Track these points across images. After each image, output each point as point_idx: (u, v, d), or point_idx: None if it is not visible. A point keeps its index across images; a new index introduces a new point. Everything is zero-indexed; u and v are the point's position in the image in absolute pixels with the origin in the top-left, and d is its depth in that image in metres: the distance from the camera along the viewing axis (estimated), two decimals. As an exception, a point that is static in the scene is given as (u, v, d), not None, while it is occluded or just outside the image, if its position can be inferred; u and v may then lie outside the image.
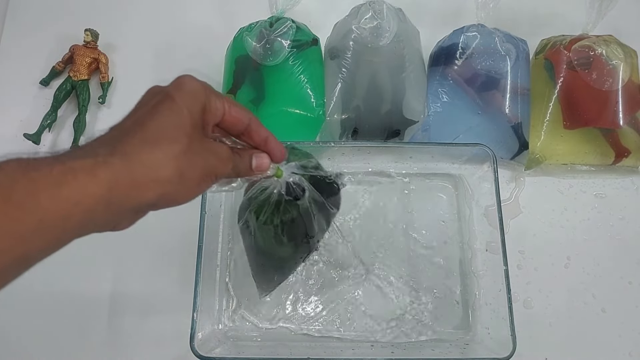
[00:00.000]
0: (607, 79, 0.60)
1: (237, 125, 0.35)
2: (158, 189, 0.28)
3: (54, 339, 0.57)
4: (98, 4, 0.73)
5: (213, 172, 0.31)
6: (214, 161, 0.31)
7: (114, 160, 0.26)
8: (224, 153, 0.33)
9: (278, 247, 0.46)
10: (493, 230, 0.55)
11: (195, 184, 0.30)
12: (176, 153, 0.28)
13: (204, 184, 0.31)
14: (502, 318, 0.51)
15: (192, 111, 0.30)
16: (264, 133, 0.36)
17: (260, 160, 0.36)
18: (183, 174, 0.29)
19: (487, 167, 0.57)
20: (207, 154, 0.31)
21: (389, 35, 0.59)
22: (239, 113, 0.34)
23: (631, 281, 0.60)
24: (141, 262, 0.59)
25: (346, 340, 0.56)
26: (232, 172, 0.34)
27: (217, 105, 0.32)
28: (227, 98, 0.34)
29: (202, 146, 0.30)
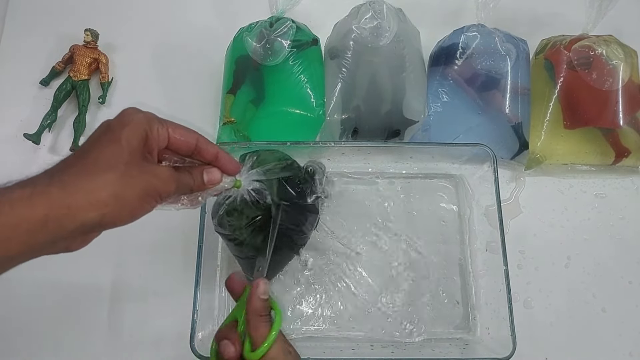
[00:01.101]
0: (607, 78, 0.60)
1: (185, 146, 0.37)
2: (96, 211, 0.31)
3: (54, 338, 0.57)
4: (98, 4, 0.73)
5: (154, 192, 0.34)
6: (154, 182, 0.34)
7: (50, 189, 0.30)
8: (165, 174, 0.35)
9: (253, 249, 0.47)
10: (493, 230, 0.55)
11: (136, 204, 0.33)
12: (112, 178, 0.32)
13: (146, 204, 0.34)
14: (503, 318, 0.51)
15: (130, 141, 0.33)
16: (213, 150, 0.39)
17: (211, 175, 0.39)
18: (120, 196, 0.32)
19: (487, 167, 0.57)
20: (146, 177, 0.33)
21: (389, 35, 0.59)
22: (183, 135, 0.37)
23: (631, 281, 0.60)
24: (141, 262, 0.59)
25: (346, 340, 0.56)
26: (184, 189, 0.38)
27: (160, 131, 0.36)
28: (171, 123, 0.37)
29: (140, 170, 0.33)
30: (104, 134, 0.34)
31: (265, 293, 0.39)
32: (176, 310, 0.56)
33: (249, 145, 0.58)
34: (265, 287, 0.40)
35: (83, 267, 0.59)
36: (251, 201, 0.44)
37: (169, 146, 0.37)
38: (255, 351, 0.36)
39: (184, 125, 0.38)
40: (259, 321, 0.38)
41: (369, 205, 0.61)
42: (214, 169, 0.39)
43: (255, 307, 0.39)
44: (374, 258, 0.59)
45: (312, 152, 0.60)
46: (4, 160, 0.64)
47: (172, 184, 0.35)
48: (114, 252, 0.59)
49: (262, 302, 0.39)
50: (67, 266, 0.59)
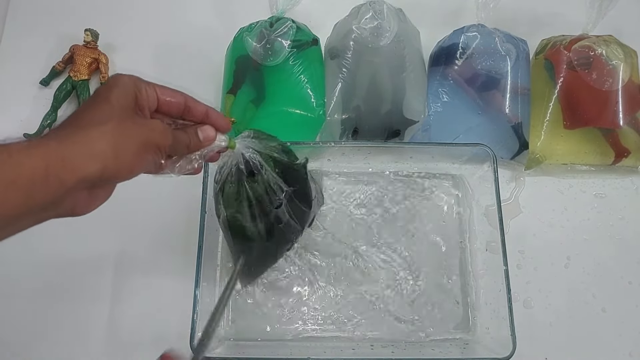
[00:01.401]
0: (607, 79, 0.60)
1: (174, 106, 0.38)
2: (96, 163, 0.30)
3: (54, 338, 0.57)
4: (98, 4, 0.73)
5: (152, 143, 0.34)
6: (149, 133, 0.34)
7: (47, 141, 0.30)
8: (160, 126, 0.35)
9: (248, 224, 0.47)
10: (493, 230, 0.55)
11: (133, 154, 0.33)
12: (108, 130, 0.31)
13: (146, 155, 0.34)
14: (502, 318, 0.51)
15: (121, 100, 0.34)
16: (202, 108, 0.40)
17: (206, 132, 0.40)
18: (117, 146, 0.31)
19: (487, 167, 0.57)
20: (141, 129, 0.34)
21: (389, 35, 0.59)
22: (171, 95, 0.38)
23: (631, 281, 0.60)
24: (141, 262, 0.59)
25: (346, 340, 0.56)
26: (181, 147, 0.38)
27: (148, 92, 0.36)
28: (157, 85, 0.37)
29: (135, 123, 0.34)
30: (93, 98, 0.34)
31: None
32: (176, 310, 0.56)
33: (249, 145, 0.59)
34: None
35: (83, 267, 0.59)
36: (247, 169, 0.44)
37: (158, 108, 0.37)
38: None
39: None
40: None
41: (369, 205, 0.61)
42: (207, 126, 0.40)
43: None
44: (373, 258, 0.59)
45: (312, 152, 0.60)
46: (4, 160, 0.64)
47: (169, 135, 0.36)
48: (114, 252, 0.59)
49: None
50: (67, 266, 0.59)
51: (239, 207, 0.46)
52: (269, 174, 0.45)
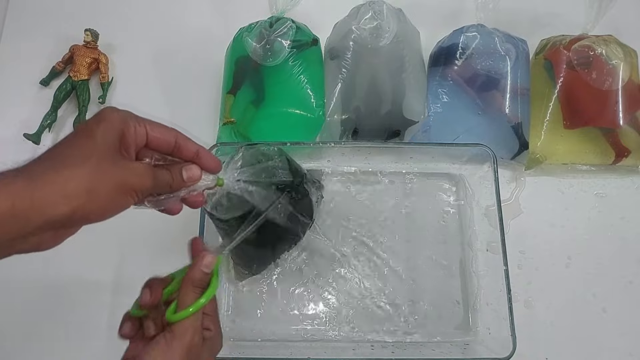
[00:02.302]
0: (607, 78, 0.60)
1: (164, 144, 0.37)
2: (67, 204, 0.30)
3: (54, 338, 0.57)
4: (98, 4, 0.73)
5: (129, 187, 0.33)
6: (128, 177, 0.33)
7: (16, 180, 0.29)
8: (140, 169, 0.35)
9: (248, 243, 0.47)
10: (493, 230, 0.55)
11: (109, 199, 0.32)
12: (84, 171, 0.31)
13: (120, 199, 0.33)
14: (503, 318, 0.51)
15: (105, 138, 0.33)
16: (193, 147, 0.39)
17: (191, 172, 0.38)
18: (92, 190, 0.31)
19: (487, 167, 0.57)
20: (120, 171, 0.33)
21: (389, 36, 0.59)
22: (162, 133, 0.37)
23: (632, 280, 0.60)
24: (142, 262, 0.59)
25: (346, 341, 0.55)
26: (162, 187, 0.37)
27: (137, 129, 0.35)
28: (149, 121, 0.36)
29: (114, 164, 0.33)
30: (79, 131, 0.34)
31: (208, 267, 0.39)
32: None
33: (249, 145, 0.59)
34: (210, 260, 0.39)
35: (83, 267, 0.59)
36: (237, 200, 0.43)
37: (147, 144, 0.37)
38: (175, 314, 0.37)
39: (164, 124, 0.37)
40: (190, 290, 0.38)
41: (369, 206, 0.61)
42: (193, 165, 0.39)
43: (193, 276, 0.38)
44: (374, 258, 0.59)
45: (312, 153, 0.60)
46: (4, 160, 0.63)
47: (148, 179, 0.35)
48: (114, 252, 0.59)
49: (202, 274, 0.39)
50: (67, 266, 0.59)
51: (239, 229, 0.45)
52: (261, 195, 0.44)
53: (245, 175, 0.43)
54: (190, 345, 0.36)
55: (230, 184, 0.42)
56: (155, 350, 0.36)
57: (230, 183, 0.42)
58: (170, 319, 0.37)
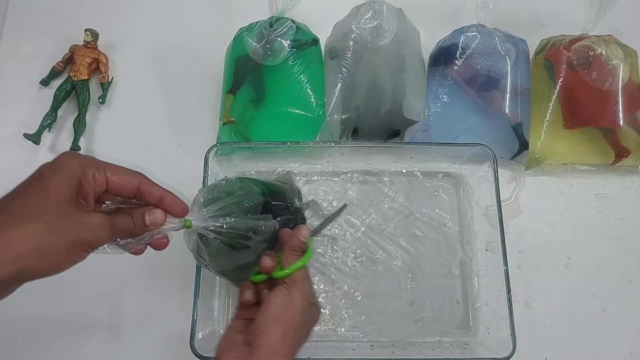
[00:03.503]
0: (607, 78, 0.60)
1: (125, 189, 0.37)
2: (12, 266, 0.29)
3: (55, 338, 0.57)
4: (98, 4, 0.73)
5: (82, 243, 0.33)
6: (82, 233, 0.33)
7: None
8: (96, 222, 0.34)
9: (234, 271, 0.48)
10: (493, 230, 0.55)
11: (61, 257, 0.32)
12: (34, 230, 0.30)
13: (73, 255, 0.33)
14: (503, 318, 0.51)
15: (58, 189, 0.32)
16: (157, 193, 0.38)
17: (154, 217, 0.38)
18: (41, 250, 0.30)
19: (487, 167, 0.57)
20: (73, 228, 0.32)
21: (389, 36, 0.59)
22: (123, 179, 0.36)
23: (631, 281, 0.60)
24: (141, 262, 0.59)
25: (346, 340, 0.56)
26: (122, 234, 0.36)
27: (96, 177, 0.34)
28: (110, 166, 0.36)
29: (68, 220, 0.32)
30: (33, 180, 0.33)
31: (304, 237, 0.43)
32: (176, 310, 0.56)
33: (249, 145, 0.59)
34: (306, 232, 0.43)
35: (83, 267, 0.59)
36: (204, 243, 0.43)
37: (108, 190, 0.36)
38: (281, 270, 0.42)
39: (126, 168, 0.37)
40: (291, 254, 0.42)
41: (369, 206, 0.61)
42: (157, 209, 0.38)
43: (293, 243, 0.43)
44: (374, 258, 0.59)
45: (312, 152, 0.60)
46: (4, 160, 0.64)
47: (104, 232, 0.34)
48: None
49: (300, 242, 0.43)
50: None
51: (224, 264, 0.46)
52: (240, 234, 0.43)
53: (214, 212, 0.42)
54: (305, 292, 0.40)
55: (200, 224, 0.41)
56: (279, 297, 0.39)
57: (200, 223, 0.41)
58: (277, 275, 0.42)
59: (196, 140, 0.64)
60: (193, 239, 0.44)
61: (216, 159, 0.56)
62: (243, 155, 0.60)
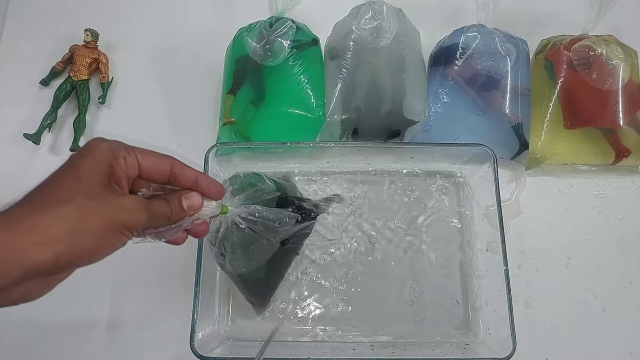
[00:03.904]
0: (607, 78, 0.60)
1: (158, 173, 0.35)
2: (49, 250, 0.28)
3: (54, 338, 0.57)
4: (98, 4, 0.73)
5: (119, 225, 0.31)
6: (117, 214, 0.31)
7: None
8: (131, 204, 0.32)
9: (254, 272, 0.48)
10: (493, 230, 0.55)
11: (97, 240, 0.30)
12: (66, 212, 0.29)
13: (111, 238, 0.31)
14: (503, 318, 0.51)
15: (91, 174, 0.31)
16: (191, 174, 0.36)
17: (191, 200, 0.36)
18: (76, 232, 0.29)
19: (487, 167, 0.57)
20: (107, 209, 0.31)
21: (389, 36, 0.59)
22: (155, 162, 0.35)
23: (632, 281, 0.60)
24: (141, 262, 0.59)
25: (346, 340, 0.55)
26: (160, 219, 0.35)
27: (127, 160, 0.33)
28: (140, 150, 0.34)
29: (101, 202, 0.31)
30: (63, 168, 0.32)
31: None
32: (176, 310, 0.56)
33: (249, 145, 0.59)
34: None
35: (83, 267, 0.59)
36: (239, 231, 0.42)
37: (140, 175, 0.34)
38: None
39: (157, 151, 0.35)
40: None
41: (369, 206, 0.61)
42: (193, 193, 0.36)
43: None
44: (374, 258, 0.59)
45: (312, 153, 0.60)
46: (4, 160, 0.64)
47: (141, 214, 0.33)
48: (114, 252, 0.59)
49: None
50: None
51: (245, 260, 0.45)
52: (268, 224, 0.43)
53: (243, 200, 0.42)
54: None
55: (235, 210, 0.41)
56: None
57: (235, 209, 0.41)
58: None
59: (196, 141, 0.64)
60: (224, 227, 0.43)
61: (216, 159, 0.56)
62: (243, 155, 0.60)
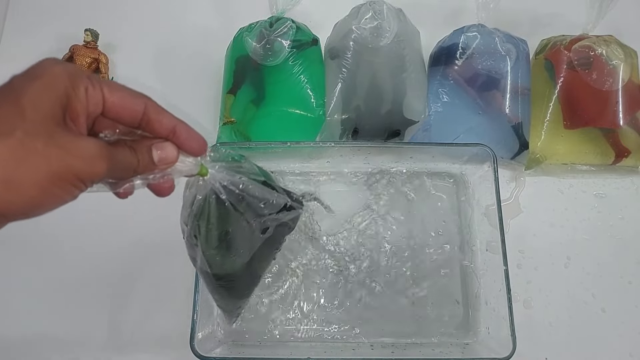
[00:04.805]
0: (607, 79, 0.60)
1: (127, 114, 0.28)
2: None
3: (54, 338, 0.57)
4: (98, 4, 0.73)
5: (72, 175, 0.25)
6: (70, 161, 0.24)
7: None
8: (91, 149, 0.25)
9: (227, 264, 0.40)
10: (493, 229, 0.55)
11: (40, 190, 0.24)
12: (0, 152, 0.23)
13: (57, 189, 0.25)
14: (502, 318, 0.51)
15: (37, 101, 0.24)
16: (169, 122, 0.30)
17: (164, 153, 0.30)
18: (10, 180, 0.23)
19: (487, 167, 0.57)
20: (57, 152, 0.24)
21: (389, 36, 0.59)
22: (125, 100, 0.28)
23: (631, 281, 0.60)
24: (141, 262, 0.59)
25: (346, 340, 0.56)
26: (123, 171, 0.28)
27: (91, 93, 0.26)
28: (109, 83, 0.28)
29: (49, 142, 0.24)
30: (2, 92, 0.25)
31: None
32: (176, 310, 0.56)
33: (249, 145, 0.59)
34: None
35: (83, 266, 0.59)
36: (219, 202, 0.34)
37: (105, 113, 0.28)
38: None
39: None
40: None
41: (369, 206, 0.61)
42: (167, 143, 0.30)
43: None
44: (374, 258, 0.59)
45: (312, 152, 0.60)
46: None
47: (100, 163, 0.26)
48: (113, 252, 0.59)
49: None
50: (66, 266, 0.59)
51: (221, 246, 0.38)
52: (252, 202, 0.36)
53: (228, 168, 0.34)
54: None
55: (217, 175, 0.33)
56: None
57: (217, 174, 0.33)
58: None
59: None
60: (202, 197, 0.35)
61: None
62: (243, 155, 0.60)
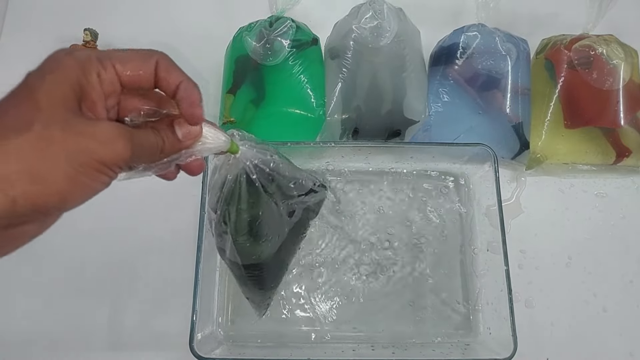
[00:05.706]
0: (607, 78, 0.60)
1: (145, 81, 0.28)
2: (2, 197, 0.22)
3: (54, 338, 0.56)
4: (97, 4, 0.73)
5: (92, 161, 0.24)
6: (88, 144, 0.24)
7: None
8: (109, 132, 0.25)
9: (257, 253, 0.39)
10: (494, 230, 0.54)
11: (68, 180, 0.24)
12: (20, 146, 0.23)
13: (83, 177, 0.24)
14: (504, 318, 0.51)
15: (51, 93, 0.24)
16: (175, 78, 0.29)
17: (187, 127, 0.29)
18: (35, 171, 0.23)
19: (488, 167, 0.57)
20: (75, 139, 0.24)
21: (390, 35, 0.59)
22: (138, 68, 0.28)
23: (632, 280, 0.60)
24: (141, 262, 0.59)
25: (346, 341, 0.55)
26: (149, 153, 0.28)
27: (103, 75, 0.27)
28: (119, 55, 0.28)
29: (68, 131, 0.24)
30: (17, 90, 0.26)
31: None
32: (176, 310, 0.56)
33: (249, 145, 0.58)
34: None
35: (83, 266, 0.59)
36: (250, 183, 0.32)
37: (123, 87, 0.28)
38: None
39: None
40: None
41: (369, 206, 0.61)
42: None
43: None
44: (374, 259, 0.58)
45: (312, 152, 0.60)
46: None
47: (122, 144, 0.25)
48: (113, 252, 0.59)
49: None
50: (66, 266, 0.59)
51: (251, 232, 0.36)
52: (282, 182, 0.35)
53: (257, 145, 0.32)
54: None
55: (248, 153, 0.31)
56: None
57: (248, 151, 0.31)
58: None
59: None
60: (232, 178, 0.33)
61: (216, 158, 0.56)
62: (243, 155, 0.60)
